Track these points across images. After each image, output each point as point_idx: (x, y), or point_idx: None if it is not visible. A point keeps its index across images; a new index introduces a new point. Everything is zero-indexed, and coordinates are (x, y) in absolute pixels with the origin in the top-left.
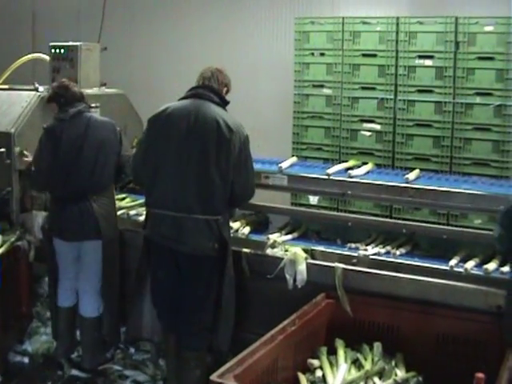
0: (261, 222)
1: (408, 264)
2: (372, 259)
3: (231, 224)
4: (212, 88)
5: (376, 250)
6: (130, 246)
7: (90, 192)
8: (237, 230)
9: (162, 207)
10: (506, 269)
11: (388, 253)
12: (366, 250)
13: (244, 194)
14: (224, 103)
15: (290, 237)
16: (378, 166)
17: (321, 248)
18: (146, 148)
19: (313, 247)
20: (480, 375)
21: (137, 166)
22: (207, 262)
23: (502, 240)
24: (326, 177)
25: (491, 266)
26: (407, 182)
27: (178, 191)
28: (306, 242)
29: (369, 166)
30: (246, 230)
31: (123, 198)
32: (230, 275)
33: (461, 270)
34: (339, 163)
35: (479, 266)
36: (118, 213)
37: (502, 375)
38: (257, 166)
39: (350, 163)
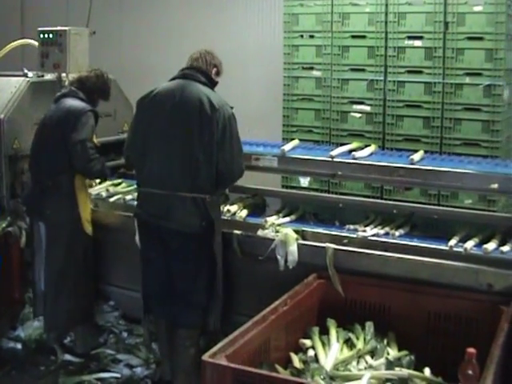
0: (258, 204)
1: (404, 244)
2: (369, 240)
3: (229, 207)
4: (199, 68)
5: (375, 231)
6: (124, 231)
7: (45, 176)
8: (234, 213)
9: (150, 186)
10: (505, 248)
11: (387, 234)
12: (364, 231)
13: (229, 172)
14: (212, 83)
15: (287, 219)
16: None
17: (313, 229)
18: (134, 129)
19: (306, 228)
20: (471, 350)
21: (127, 148)
22: (194, 239)
23: None
24: (316, 158)
25: (491, 245)
26: (412, 163)
27: (165, 169)
28: (303, 225)
29: (372, 148)
30: (244, 212)
31: (119, 184)
32: (218, 253)
33: (460, 249)
34: (329, 145)
35: (479, 245)
36: (114, 198)
37: (493, 352)
38: (247, 148)
39: (354, 145)
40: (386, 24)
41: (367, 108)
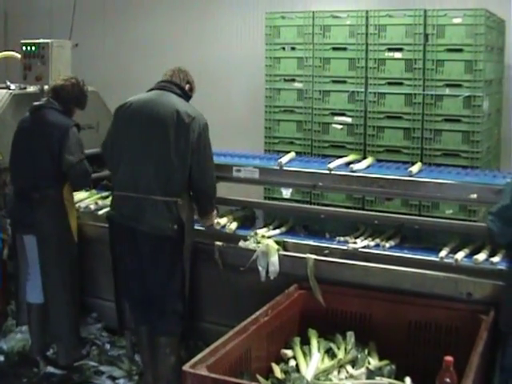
0: (248, 217)
1: (394, 256)
2: (350, 250)
3: (218, 220)
4: (174, 82)
5: (365, 242)
6: (106, 243)
7: (32, 189)
8: (224, 226)
9: (124, 189)
10: (495, 259)
11: (377, 246)
12: (355, 243)
13: (202, 180)
14: (186, 96)
15: (277, 231)
16: None
17: (295, 240)
18: (111, 136)
19: (288, 239)
20: (448, 358)
21: (104, 154)
22: (165, 242)
23: (502, 233)
24: (297, 169)
25: (481, 256)
26: (410, 176)
27: (138, 173)
28: (293, 237)
29: (369, 160)
30: (234, 225)
31: (107, 196)
32: (187, 258)
33: (451, 260)
34: (311, 156)
35: (469, 256)
36: (103, 211)
37: (473, 360)
38: (229, 160)
39: (351, 157)
40: (366, 36)
41: (348, 119)
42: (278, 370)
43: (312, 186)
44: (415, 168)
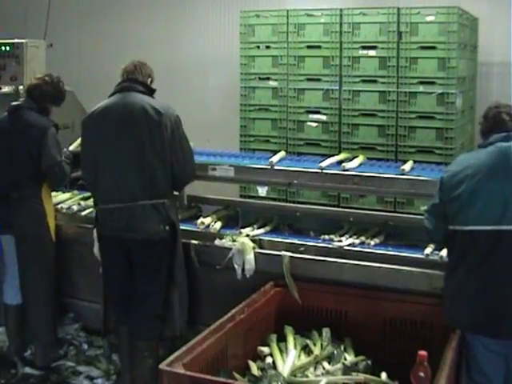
0: (231, 216)
1: (380, 253)
2: (324, 247)
3: (202, 219)
4: (136, 79)
5: (350, 241)
6: (83, 243)
7: (10, 189)
8: (208, 226)
9: (108, 201)
10: None
11: (362, 243)
12: (340, 241)
13: (184, 173)
14: (150, 91)
15: (262, 231)
16: (325, 156)
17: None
18: (83, 149)
19: (285, 240)
20: (422, 353)
21: (81, 170)
22: (159, 244)
23: (435, 229)
24: (270, 167)
25: None
26: (403, 174)
27: (120, 182)
28: (278, 236)
29: (360, 159)
30: (218, 225)
31: (89, 197)
32: (181, 258)
33: (436, 258)
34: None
35: None
36: (86, 212)
37: (447, 355)
38: (204, 159)
39: (342, 156)
40: (340, 34)
41: (323, 117)
42: (254, 368)
43: (287, 184)
44: (407, 166)
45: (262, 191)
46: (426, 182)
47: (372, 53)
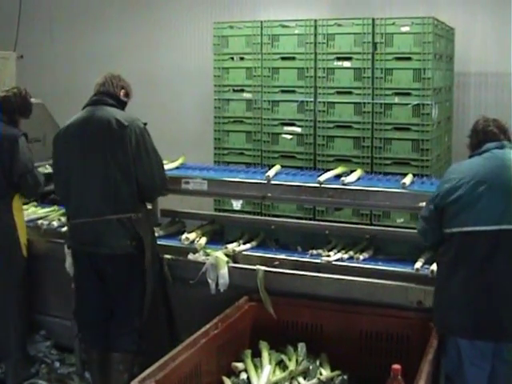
0: (216, 231)
1: (369, 268)
2: (301, 261)
3: (187, 235)
4: (106, 92)
5: (339, 255)
6: (55, 259)
7: None
8: (193, 241)
9: (78, 216)
10: None
11: (351, 258)
12: (328, 256)
13: (150, 185)
14: (120, 104)
15: (248, 246)
16: (299, 168)
17: (248, 252)
18: (54, 166)
19: (271, 255)
20: (396, 366)
21: (54, 184)
22: (126, 260)
23: (426, 234)
24: (246, 180)
25: (434, 265)
26: (404, 188)
27: (87, 197)
28: (265, 251)
29: (358, 172)
30: (203, 240)
31: None
32: (152, 272)
33: (427, 272)
34: (261, 167)
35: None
36: (66, 228)
37: (423, 368)
38: (177, 172)
39: (339, 170)
40: (315, 45)
41: (298, 129)
42: None
43: (261, 197)
44: (407, 180)
45: (237, 205)
46: (400, 194)
47: (347, 64)
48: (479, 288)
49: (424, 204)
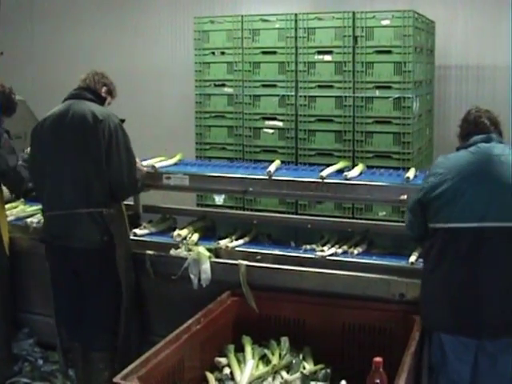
0: (208, 227)
1: (363, 263)
2: (282, 255)
3: (179, 231)
4: (86, 87)
5: (332, 250)
6: (37, 256)
7: None
8: (185, 238)
9: (51, 208)
10: None
11: (345, 253)
12: (322, 251)
13: (118, 183)
14: (100, 99)
15: (241, 242)
16: (282, 162)
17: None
18: (31, 159)
19: (264, 251)
20: (377, 359)
21: (31, 178)
22: (96, 255)
23: (413, 226)
24: (227, 175)
25: (412, 257)
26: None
27: (61, 189)
28: (258, 246)
29: (360, 167)
30: (195, 236)
31: None
32: (126, 269)
33: (420, 267)
34: (243, 162)
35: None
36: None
37: (405, 361)
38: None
39: (341, 165)
40: (296, 39)
41: (279, 124)
42: (212, 379)
43: (243, 192)
44: (410, 174)
45: (219, 199)
46: (382, 187)
47: (328, 58)
48: (462, 285)
49: (405, 197)
